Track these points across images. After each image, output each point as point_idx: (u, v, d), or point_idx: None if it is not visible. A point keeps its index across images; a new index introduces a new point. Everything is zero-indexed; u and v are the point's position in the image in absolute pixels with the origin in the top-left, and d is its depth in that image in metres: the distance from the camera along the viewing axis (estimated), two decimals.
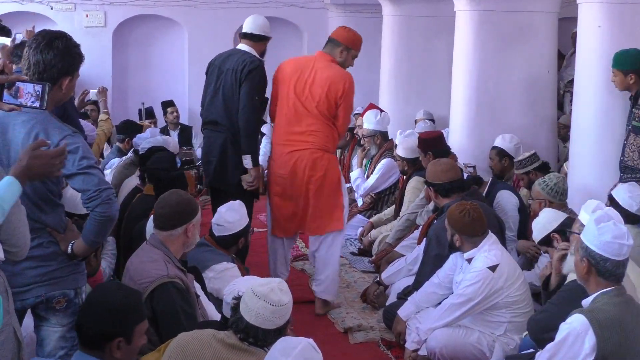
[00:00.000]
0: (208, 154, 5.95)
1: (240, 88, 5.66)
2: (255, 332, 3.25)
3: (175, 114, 10.33)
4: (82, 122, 6.16)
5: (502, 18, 7.25)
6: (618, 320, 3.36)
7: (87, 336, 3.17)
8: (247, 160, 5.70)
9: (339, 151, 9.31)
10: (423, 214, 6.37)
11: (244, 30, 5.91)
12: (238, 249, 5.07)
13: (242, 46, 5.83)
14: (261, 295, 3.24)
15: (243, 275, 4.69)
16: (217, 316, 4.17)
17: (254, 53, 5.82)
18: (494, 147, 6.96)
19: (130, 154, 6.98)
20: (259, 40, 5.86)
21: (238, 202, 5.11)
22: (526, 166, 6.55)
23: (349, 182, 8.26)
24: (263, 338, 3.26)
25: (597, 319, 3.34)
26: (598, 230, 3.39)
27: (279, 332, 3.28)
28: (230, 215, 4.99)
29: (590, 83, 5.89)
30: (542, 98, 7.41)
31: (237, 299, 3.34)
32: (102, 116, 7.60)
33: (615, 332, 3.34)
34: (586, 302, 3.47)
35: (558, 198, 5.60)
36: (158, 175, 5.47)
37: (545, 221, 5.02)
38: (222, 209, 5.05)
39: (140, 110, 10.47)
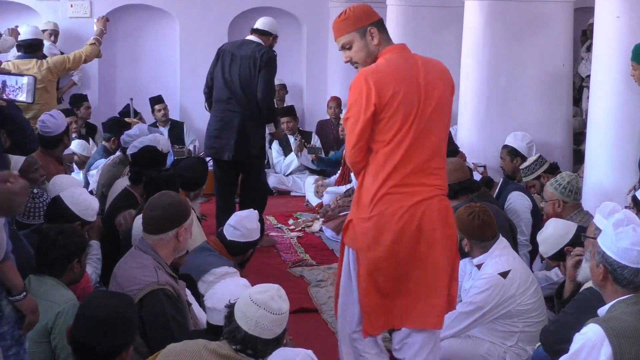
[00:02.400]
0: (221, 130, 7.15)
1: (258, 73, 7.02)
2: (254, 342, 3.25)
3: (162, 111, 10.25)
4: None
5: (514, 8, 7.27)
6: (636, 329, 3.35)
7: (98, 353, 3.27)
8: (270, 126, 7.45)
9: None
10: None
11: (253, 27, 7.39)
12: (243, 259, 5.19)
13: (252, 37, 7.25)
14: (261, 303, 3.24)
15: None
16: None
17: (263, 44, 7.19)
18: (505, 146, 6.98)
19: (118, 153, 6.99)
20: (263, 34, 7.26)
21: (256, 212, 5.36)
22: (535, 171, 6.55)
23: (351, 182, 8.29)
24: (263, 349, 3.26)
25: (614, 328, 3.32)
26: (616, 235, 3.33)
27: (277, 341, 3.30)
28: (250, 223, 5.16)
29: (608, 77, 5.91)
30: (557, 93, 7.43)
31: (231, 306, 3.33)
32: (89, 40, 7.96)
33: (634, 343, 3.32)
34: (602, 310, 3.46)
35: (572, 197, 5.60)
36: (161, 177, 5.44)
37: (556, 235, 4.86)
38: (241, 214, 5.27)
39: (128, 105, 10.45)
